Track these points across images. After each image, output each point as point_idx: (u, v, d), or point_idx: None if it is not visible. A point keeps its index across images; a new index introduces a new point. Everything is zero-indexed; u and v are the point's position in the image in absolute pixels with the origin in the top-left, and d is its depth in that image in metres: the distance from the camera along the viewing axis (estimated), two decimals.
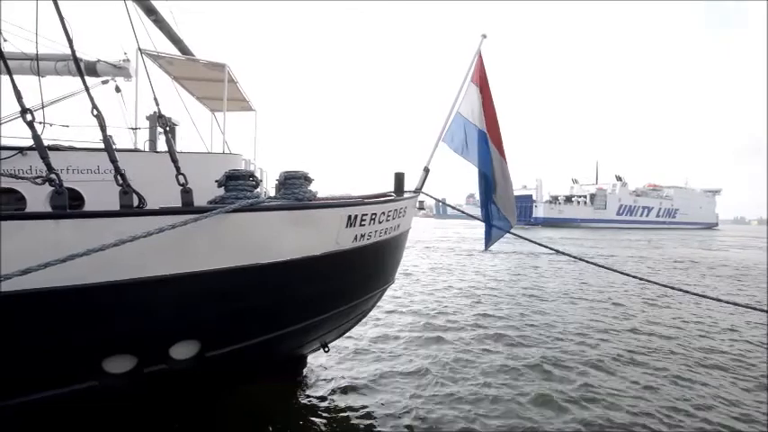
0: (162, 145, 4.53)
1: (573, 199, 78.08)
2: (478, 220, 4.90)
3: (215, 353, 3.09)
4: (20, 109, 2.36)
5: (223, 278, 2.91)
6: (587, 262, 4.59)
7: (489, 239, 4.92)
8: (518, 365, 5.43)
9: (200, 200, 3.07)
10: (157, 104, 3.28)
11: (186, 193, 2.85)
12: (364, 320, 5.04)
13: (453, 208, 5.27)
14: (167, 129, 3.24)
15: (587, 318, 8.05)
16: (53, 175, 2.40)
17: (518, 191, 78.07)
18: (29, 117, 2.39)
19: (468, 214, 5.03)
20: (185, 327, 2.90)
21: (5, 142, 3.44)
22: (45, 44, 3.40)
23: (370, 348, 6.03)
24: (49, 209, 2.48)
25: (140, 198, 2.76)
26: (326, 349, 4.67)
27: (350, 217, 3.49)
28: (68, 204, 2.52)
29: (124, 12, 3.16)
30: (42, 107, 3.12)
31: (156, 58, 4.08)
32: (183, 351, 2.94)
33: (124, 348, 2.72)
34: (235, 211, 2.80)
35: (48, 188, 2.52)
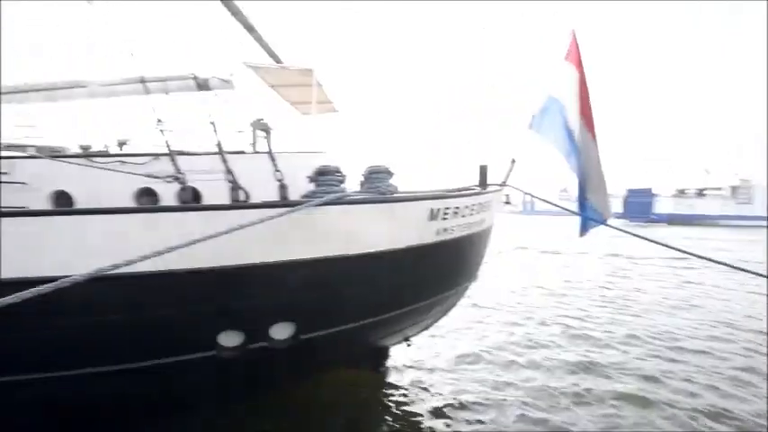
0: (261, 146, 5.08)
1: (706, 192, 64.31)
2: (574, 214, 4.41)
3: (308, 336, 3.33)
4: (156, 120, 2.85)
5: (314, 267, 3.11)
6: None
7: (585, 228, 4.44)
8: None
9: (294, 194, 3.34)
10: (257, 111, 3.66)
11: (282, 188, 3.13)
12: (448, 316, 4.93)
13: (546, 202, 4.80)
14: (266, 132, 3.60)
15: None
16: (180, 175, 2.85)
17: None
18: (161, 127, 2.87)
19: (562, 208, 4.55)
20: (283, 309, 3.18)
21: (143, 150, 4.23)
22: (164, 65, 4.09)
23: (454, 346, 5.89)
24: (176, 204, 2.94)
25: (246, 193, 3.11)
26: (409, 343, 4.69)
27: (432, 210, 3.45)
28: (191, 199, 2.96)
29: (226, 29, 3.60)
30: (167, 120, 3.73)
31: (256, 69, 4.61)
32: (281, 331, 3.23)
33: (234, 325, 3.09)
34: (323, 204, 2.97)
35: (175, 186, 2.99)
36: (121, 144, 4.86)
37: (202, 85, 3.43)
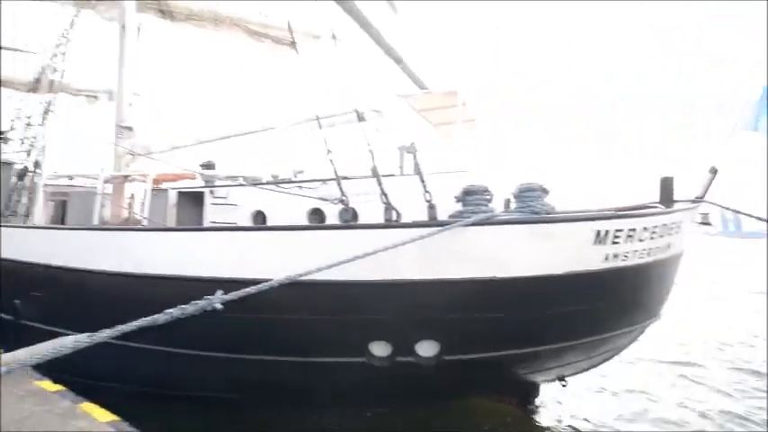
0: (407, 169, 5.39)
1: None
2: None
3: (452, 358, 3.29)
4: (327, 151, 3.35)
5: (460, 288, 3.09)
6: None
7: None
8: None
9: (440, 214, 3.41)
10: (406, 135, 3.92)
11: (431, 208, 3.24)
12: (616, 359, 4.18)
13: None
14: (414, 155, 3.81)
15: None
16: (344, 198, 3.26)
17: None
18: (330, 156, 3.36)
19: None
20: (428, 327, 3.24)
21: (312, 175, 5.02)
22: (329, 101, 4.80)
23: (618, 393, 4.95)
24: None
25: (397, 213, 3.33)
26: (564, 383, 4.15)
27: (599, 233, 3.03)
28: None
29: (377, 64, 3.98)
30: (334, 150, 4.34)
31: (406, 98, 4.99)
32: (426, 349, 3.28)
33: (383, 336, 3.29)
34: (473, 224, 2.94)
35: (338, 206, 3.42)
36: (298, 172, 5.93)
37: (361, 117, 3.90)
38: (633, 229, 3.12)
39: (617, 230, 3.07)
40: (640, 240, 3.18)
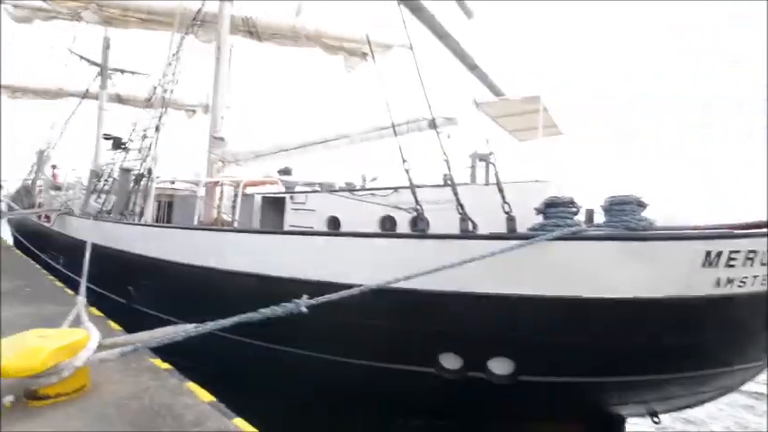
0: (479, 177, 5.25)
1: None
2: None
3: (528, 378, 3.10)
4: (402, 160, 3.39)
5: (540, 305, 2.91)
6: None
7: None
8: None
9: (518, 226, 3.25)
10: (479, 144, 3.82)
11: (510, 220, 3.10)
12: (725, 399, 3.62)
13: None
14: (491, 164, 3.69)
15: None
16: (419, 207, 3.27)
17: None
18: (406, 166, 3.39)
19: None
20: (503, 344, 3.09)
21: (384, 184, 5.11)
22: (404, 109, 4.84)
23: None
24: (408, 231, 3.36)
25: (473, 224, 3.25)
26: (657, 419, 3.70)
27: (709, 254, 2.67)
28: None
29: (450, 70, 3.93)
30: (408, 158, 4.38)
31: (485, 105, 4.87)
32: (499, 366, 3.14)
33: (453, 349, 3.21)
34: (558, 239, 2.76)
35: (409, 215, 3.42)
36: (372, 179, 6.10)
37: (433, 125, 3.90)
38: (754, 251, 2.70)
39: (733, 252, 2.67)
40: (763, 264, 2.74)
